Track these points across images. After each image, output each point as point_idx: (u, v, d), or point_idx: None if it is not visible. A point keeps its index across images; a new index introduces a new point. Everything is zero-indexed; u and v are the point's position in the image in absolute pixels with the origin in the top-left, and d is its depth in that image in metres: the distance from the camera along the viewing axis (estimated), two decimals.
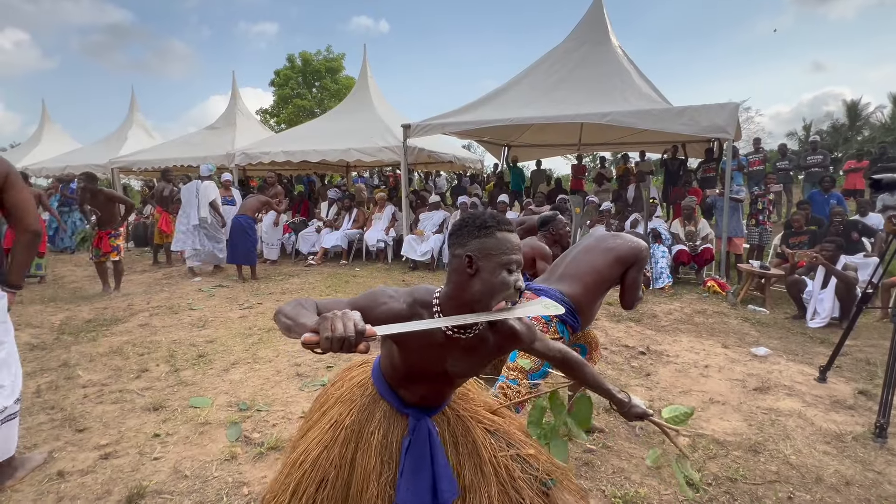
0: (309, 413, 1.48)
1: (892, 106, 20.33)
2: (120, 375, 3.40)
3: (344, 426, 1.29)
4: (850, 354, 3.84)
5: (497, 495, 1.33)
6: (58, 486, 2.15)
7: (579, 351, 2.48)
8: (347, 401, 1.36)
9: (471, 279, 1.13)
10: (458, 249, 1.16)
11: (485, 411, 1.49)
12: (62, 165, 11.80)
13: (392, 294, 1.18)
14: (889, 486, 2.20)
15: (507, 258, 1.12)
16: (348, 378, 1.46)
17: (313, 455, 1.29)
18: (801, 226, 6.00)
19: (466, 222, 1.17)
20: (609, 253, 2.29)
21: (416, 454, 1.25)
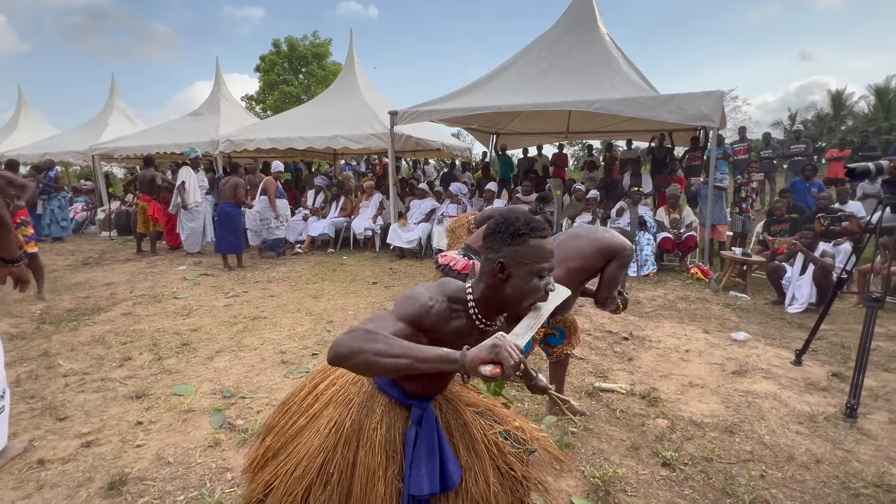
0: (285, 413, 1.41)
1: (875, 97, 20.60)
2: (102, 364, 3.37)
3: (344, 427, 1.26)
4: (826, 339, 3.94)
5: (491, 470, 1.37)
6: (38, 475, 2.14)
7: (558, 335, 2.50)
8: (343, 401, 1.31)
9: (503, 284, 1.17)
10: (490, 254, 1.19)
11: (468, 393, 1.52)
12: (41, 152, 11.48)
13: (430, 296, 1.18)
14: (857, 463, 2.28)
15: (539, 266, 1.16)
16: (336, 376, 1.39)
17: (318, 462, 1.24)
18: (783, 213, 6.10)
19: (500, 228, 1.18)
20: (595, 243, 2.33)
21: (425, 442, 1.26)
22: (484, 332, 1.26)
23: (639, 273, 6.21)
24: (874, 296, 2.73)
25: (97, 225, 10.79)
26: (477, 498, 1.30)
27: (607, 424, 2.62)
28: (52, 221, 9.35)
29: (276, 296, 5.20)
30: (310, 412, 1.33)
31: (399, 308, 1.16)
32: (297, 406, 1.37)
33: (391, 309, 1.19)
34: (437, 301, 1.17)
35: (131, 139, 10.84)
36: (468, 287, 1.24)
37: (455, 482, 1.29)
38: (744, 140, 9.98)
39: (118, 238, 9.70)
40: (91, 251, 8.26)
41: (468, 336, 1.24)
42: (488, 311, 1.23)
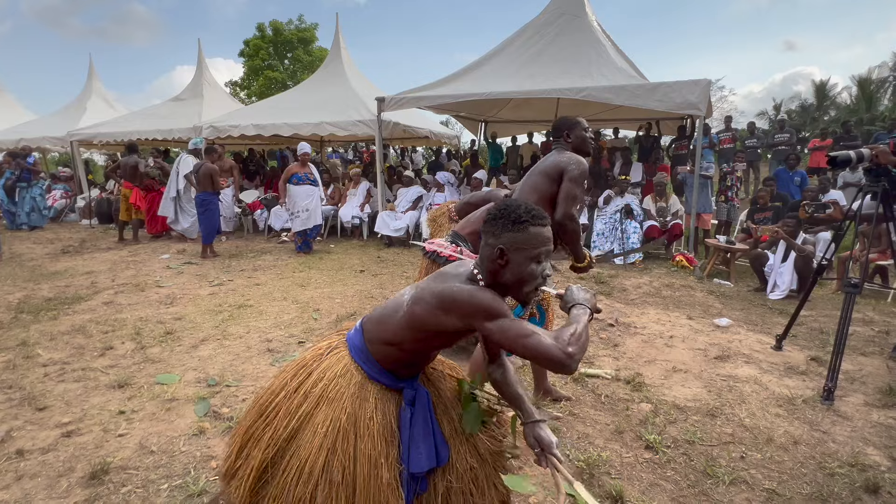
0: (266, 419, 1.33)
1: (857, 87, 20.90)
2: (83, 354, 3.31)
3: (341, 422, 1.25)
4: (806, 324, 4.03)
5: (471, 446, 1.41)
6: (17, 465, 2.10)
7: (538, 317, 2.46)
8: (336, 397, 1.28)
9: (502, 269, 1.21)
10: (490, 239, 1.22)
11: (445, 370, 1.52)
12: (16, 138, 11.13)
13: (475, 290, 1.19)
14: (833, 444, 2.34)
15: (537, 251, 1.20)
16: (323, 370, 1.33)
17: (321, 462, 1.22)
18: (766, 202, 6.19)
19: (502, 214, 1.21)
20: (543, 173, 2.46)
21: (420, 421, 1.30)
22: None
23: (625, 261, 6.27)
24: (853, 282, 2.79)
25: (77, 213, 10.54)
26: (461, 472, 1.35)
27: (592, 409, 2.65)
28: (32, 209, 9.11)
29: (261, 284, 5.14)
30: (301, 412, 1.28)
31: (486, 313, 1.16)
32: (284, 409, 1.30)
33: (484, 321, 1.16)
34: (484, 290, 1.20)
35: (111, 125, 10.56)
36: (476, 272, 1.26)
37: (446, 456, 1.33)
38: (729, 129, 10.06)
39: (99, 226, 9.49)
40: (71, 239, 8.07)
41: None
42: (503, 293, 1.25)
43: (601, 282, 5.34)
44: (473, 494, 1.36)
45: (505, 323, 1.14)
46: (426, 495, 1.32)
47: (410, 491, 1.28)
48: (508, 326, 1.14)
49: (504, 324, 1.14)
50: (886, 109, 18.99)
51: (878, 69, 19.99)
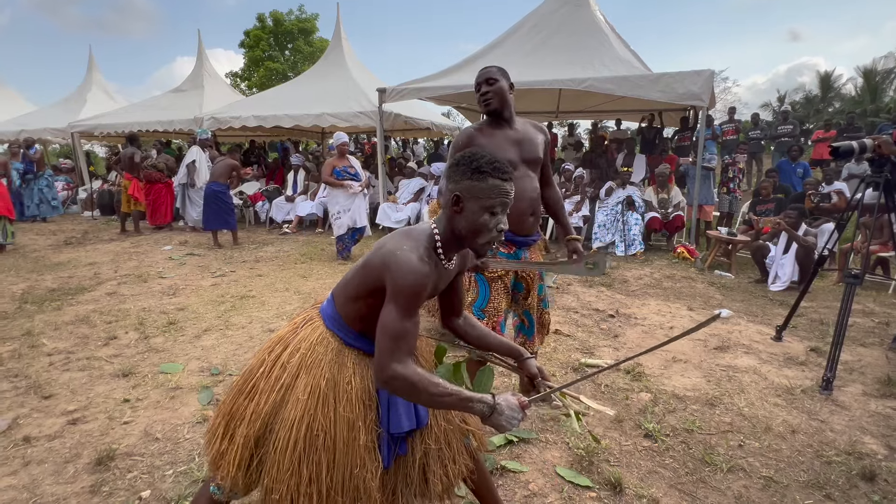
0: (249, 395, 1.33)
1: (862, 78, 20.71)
2: (87, 343, 3.34)
3: (321, 388, 1.27)
4: (806, 315, 4.04)
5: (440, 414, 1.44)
6: (24, 451, 2.13)
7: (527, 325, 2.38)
8: (315, 364, 1.30)
9: (456, 216, 1.22)
10: (450, 185, 1.23)
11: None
12: (17, 129, 11.14)
13: (415, 266, 1.16)
14: (831, 432, 2.36)
15: (491, 202, 1.20)
16: (299, 341, 1.35)
17: (303, 429, 1.23)
18: (769, 193, 6.17)
19: (464, 161, 1.21)
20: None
21: None
22: (446, 270, 1.31)
23: (626, 252, 6.27)
24: (853, 272, 2.79)
25: (79, 204, 10.56)
26: (438, 434, 1.38)
27: (592, 398, 2.66)
28: (41, 201, 9.14)
29: (263, 275, 5.16)
30: (281, 383, 1.29)
31: (398, 296, 1.15)
32: (263, 384, 1.31)
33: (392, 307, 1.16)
34: (424, 268, 1.18)
35: (112, 116, 10.54)
36: (433, 225, 1.27)
37: (425, 417, 1.35)
38: (733, 121, 10.01)
39: (101, 218, 9.52)
40: (73, 231, 8.10)
41: (437, 281, 1.28)
42: (449, 248, 1.27)
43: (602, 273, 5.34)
44: (446, 455, 1.39)
45: (396, 310, 1.14)
46: (405, 458, 1.34)
47: (390, 453, 1.29)
48: (394, 314, 1.14)
49: (394, 310, 1.14)
50: (891, 101, 18.84)
51: (884, 60, 19.79)
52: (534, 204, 2.17)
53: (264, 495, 1.28)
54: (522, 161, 2.14)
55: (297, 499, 1.23)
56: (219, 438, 1.34)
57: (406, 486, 1.34)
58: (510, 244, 2.21)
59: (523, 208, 2.14)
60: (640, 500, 1.88)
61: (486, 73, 2.15)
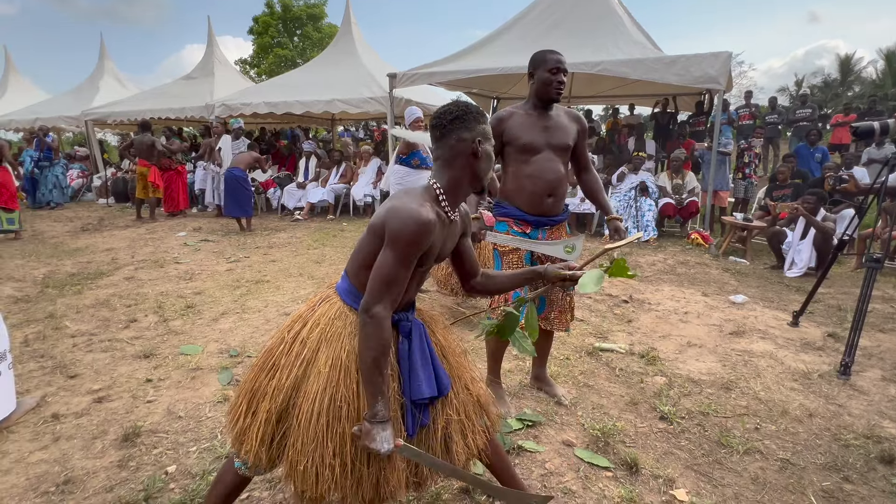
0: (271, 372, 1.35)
1: (884, 61, 20.12)
2: (108, 326, 3.41)
3: (342, 360, 1.29)
4: (823, 301, 3.99)
5: (466, 382, 1.47)
6: (53, 427, 2.20)
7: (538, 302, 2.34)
8: (335, 337, 1.32)
9: (476, 161, 1.29)
10: (465, 133, 1.27)
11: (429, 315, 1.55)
12: (32, 118, 11.26)
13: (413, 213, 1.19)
14: (848, 416, 2.35)
15: (491, 142, 1.34)
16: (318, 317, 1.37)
17: (327, 401, 1.26)
18: (786, 179, 6.06)
19: (470, 110, 1.29)
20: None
21: (417, 350, 1.34)
22: (450, 225, 1.34)
23: (639, 239, 6.21)
24: (875, 256, 2.75)
25: (94, 192, 10.70)
26: (458, 405, 1.41)
27: (607, 381, 2.68)
28: (54, 186, 9.29)
29: (277, 261, 5.21)
30: (302, 358, 1.32)
31: (396, 242, 1.19)
32: (284, 359, 1.34)
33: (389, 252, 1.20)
34: (426, 207, 1.22)
35: (124, 104, 10.61)
36: (432, 181, 1.31)
37: (447, 386, 1.37)
38: (749, 105, 9.80)
39: (115, 205, 9.64)
40: (89, 218, 8.22)
41: (443, 238, 1.32)
42: (454, 201, 1.32)
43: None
44: (466, 426, 1.42)
45: (391, 256, 1.20)
46: (428, 429, 1.36)
47: (413, 422, 1.31)
48: (389, 259, 1.20)
49: (390, 255, 1.20)
50: None
51: None
52: (552, 186, 2.19)
53: (289, 469, 1.30)
54: (548, 145, 2.19)
55: (321, 470, 1.24)
56: (242, 415, 1.36)
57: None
58: (525, 223, 2.22)
59: (540, 189, 2.18)
60: (656, 479, 1.89)
61: (559, 62, 2.14)
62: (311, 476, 1.25)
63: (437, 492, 1.75)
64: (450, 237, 1.37)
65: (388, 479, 1.27)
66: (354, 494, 1.26)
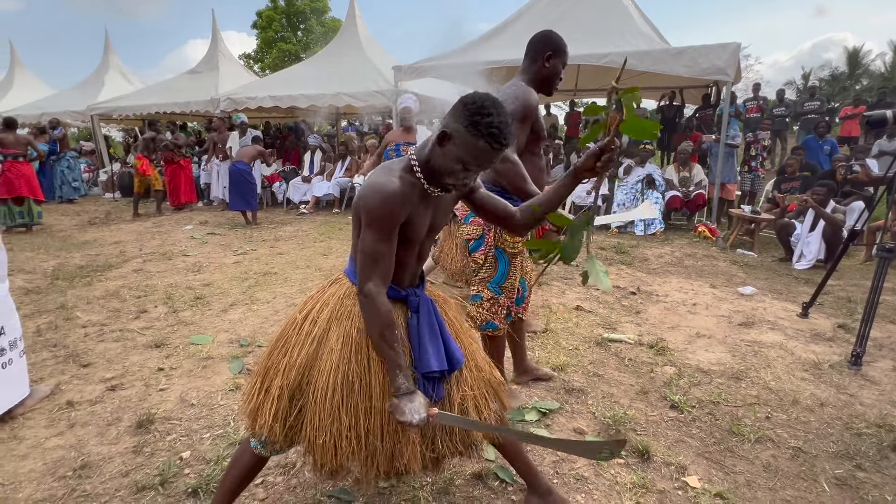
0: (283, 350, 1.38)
1: (893, 54, 19.88)
2: (119, 316, 3.43)
3: (352, 338, 1.31)
4: (833, 293, 3.97)
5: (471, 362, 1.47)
6: (68, 414, 2.22)
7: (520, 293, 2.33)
8: (345, 315, 1.34)
9: (437, 149, 1.23)
10: (448, 118, 1.22)
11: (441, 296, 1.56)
12: (38, 113, 11.30)
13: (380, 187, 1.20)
14: (860, 406, 2.34)
15: (468, 161, 1.20)
16: (328, 297, 1.40)
17: (339, 377, 1.28)
18: (795, 171, 6.02)
19: (473, 107, 1.17)
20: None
21: (426, 324, 1.35)
22: (437, 198, 1.32)
23: (646, 231, 6.20)
24: (888, 246, 2.73)
25: (100, 186, 10.75)
26: (471, 382, 1.42)
27: (616, 371, 2.68)
28: (63, 182, 9.33)
29: (284, 253, 5.23)
30: (313, 336, 1.34)
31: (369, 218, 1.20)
32: (295, 338, 1.37)
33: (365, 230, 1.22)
34: (394, 181, 1.22)
35: (130, 98, 10.63)
36: (412, 154, 1.30)
37: (460, 360, 1.38)
38: (757, 97, 9.71)
39: (122, 199, 9.68)
40: (96, 211, 8.27)
41: (427, 208, 1.31)
42: (431, 176, 1.27)
43: (622, 252, 5.30)
44: (481, 403, 1.42)
45: (369, 233, 1.21)
46: (443, 404, 1.36)
47: (426, 396, 1.30)
48: (368, 236, 1.21)
49: (367, 233, 1.21)
50: None
51: None
52: (544, 178, 2.24)
53: (308, 445, 1.32)
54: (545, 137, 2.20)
55: (339, 443, 1.27)
56: (255, 394, 1.39)
57: (444, 433, 1.37)
58: None
59: (543, 183, 2.20)
60: (668, 467, 1.90)
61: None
62: (330, 449, 1.27)
63: (450, 477, 1.77)
64: (439, 208, 1.36)
65: (402, 451, 1.29)
66: (370, 466, 1.29)
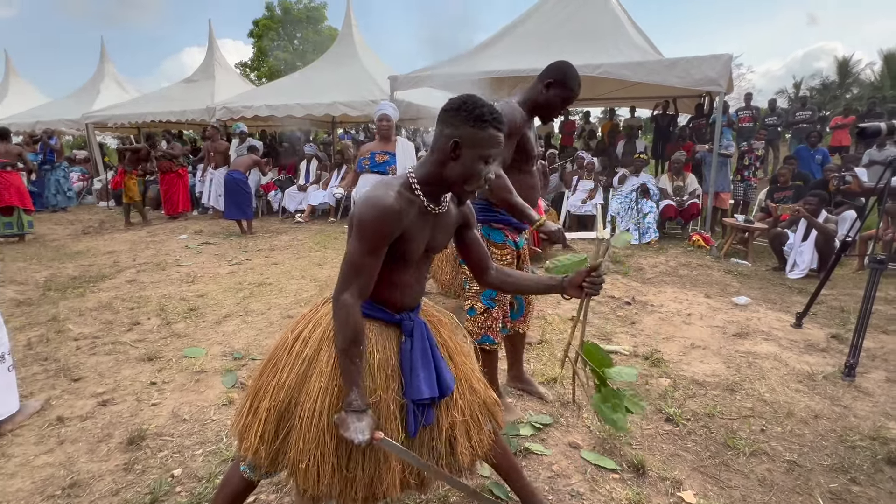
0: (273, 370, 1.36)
1: (883, 63, 20.17)
2: (111, 328, 3.40)
3: None
4: (826, 303, 3.99)
5: (470, 383, 1.46)
6: (58, 431, 2.19)
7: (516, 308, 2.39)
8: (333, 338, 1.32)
9: (451, 162, 1.21)
10: (448, 129, 1.21)
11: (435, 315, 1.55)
12: (32, 121, 11.28)
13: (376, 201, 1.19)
14: (854, 418, 2.35)
15: (488, 152, 1.21)
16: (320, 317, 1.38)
17: (327, 401, 1.26)
18: (787, 180, 6.08)
19: (465, 108, 1.19)
20: None
21: (419, 349, 1.33)
22: (437, 216, 1.31)
23: (641, 240, 6.23)
24: (878, 258, 2.75)
25: (94, 195, 10.70)
26: (463, 406, 1.39)
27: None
28: (57, 191, 9.29)
29: (279, 263, 5.21)
30: (304, 357, 1.32)
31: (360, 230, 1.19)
32: (286, 359, 1.34)
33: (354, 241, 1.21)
34: (392, 197, 1.20)
35: (125, 107, 10.63)
36: (410, 172, 1.28)
37: (450, 387, 1.36)
38: (749, 107, 9.82)
39: (116, 208, 9.62)
40: (90, 221, 8.22)
41: (424, 227, 1.29)
42: (433, 192, 1.27)
43: (617, 261, 5.32)
44: (472, 427, 1.41)
45: (357, 244, 1.20)
46: (432, 429, 1.35)
47: (416, 422, 1.30)
48: (355, 247, 1.20)
49: (356, 243, 1.20)
50: None
51: None
52: (536, 198, 2.26)
53: (291, 469, 1.29)
54: (538, 156, 2.22)
55: (323, 468, 1.24)
56: (245, 413, 1.38)
57: (431, 458, 1.35)
58: (516, 231, 2.26)
59: (533, 200, 2.21)
60: (663, 482, 1.89)
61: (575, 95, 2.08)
62: (313, 474, 1.25)
63: (444, 493, 1.75)
64: (438, 228, 1.33)
65: (381, 478, 1.27)
66: (348, 492, 1.27)
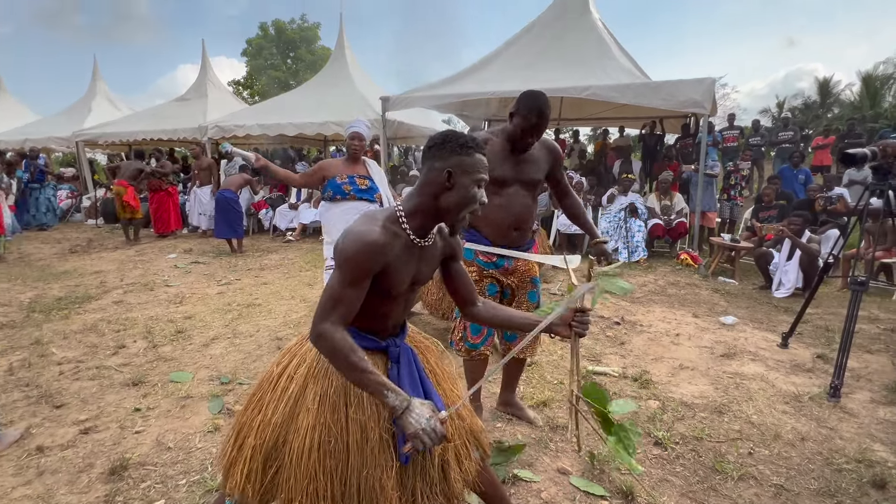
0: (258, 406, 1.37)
1: (861, 84, 20.79)
2: (96, 352, 3.35)
3: (329, 396, 1.29)
4: (811, 322, 4.04)
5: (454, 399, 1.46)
6: (38, 461, 2.14)
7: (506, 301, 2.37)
8: (321, 372, 1.33)
9: (447, 192, 1.26)
10: (437, 163, 1.25)
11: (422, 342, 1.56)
12: (21, 139, 11.21)
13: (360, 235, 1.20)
14: (840, 440, 2.36)
15: (480, 176, 1.28)
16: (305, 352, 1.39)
17: (316, 438, 1.26)
18: (772, 200, 6.20)
19: (449, 139, 1.26)
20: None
21: (406, 375, 1.34)
22: (423, 249, 1.32)
23: (630, 259, 6.29)
24: (859, 279, 2.80)
25: (82, 213, 10.61)
26: (452, 432, 1.39)
27: None
28: (47, 209, 9.23)
29: (269, 283, 5.18)
30: (289, 394, 1.32)
31: (342, 262, 1.20)
32: (271, 394, 1.35)
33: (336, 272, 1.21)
34: (376, 230, 1.21)
35: (116, 125, 10.62)
36: (398, 206, 1.31)
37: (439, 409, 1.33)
38: (733, 127, 10.05)
39: (105, 226, 9.55)
40: (78, 239, 8.13)
41: (410, 260, 1.30)
42: (422, 225, 1.29)
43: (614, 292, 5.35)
44: (461, 453, 1.41)
45: (338, 275, 1.20)
46: (425, 455, 1.33)
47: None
48: (336, 278, 1.20)
49: (337, 275, 1.21)
50: (891, 106, 18.91)
51: (883, 66, 19.88)
52: (519, 219, 2.22)
53: None
54: (516, 180, 2.18)
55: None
56: (230, 449, 1.37)
57: (426, 485, 1.34)
58: (489, 254, 2.25)
59: (508, 222, 2.21)
60: None
61: (540, 118, 2.03)
62: None
63: None
64: (424, 260, 1.35)
65: None
66: None
